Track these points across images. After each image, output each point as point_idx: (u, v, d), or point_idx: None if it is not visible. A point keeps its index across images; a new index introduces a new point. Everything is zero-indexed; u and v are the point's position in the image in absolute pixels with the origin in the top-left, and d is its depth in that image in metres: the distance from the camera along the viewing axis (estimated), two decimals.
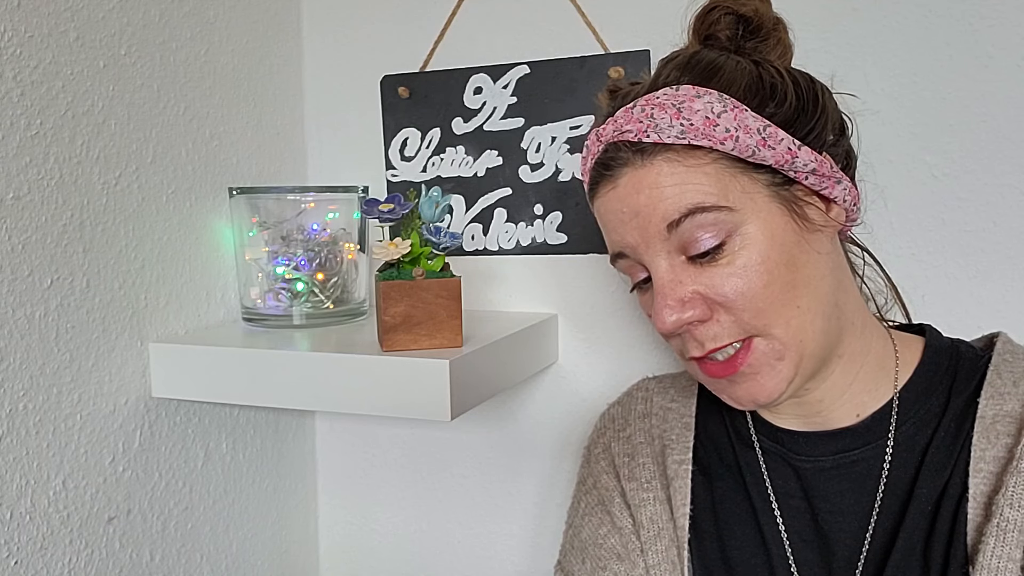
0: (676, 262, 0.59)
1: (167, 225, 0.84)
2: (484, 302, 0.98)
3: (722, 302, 0.58)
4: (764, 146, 0.57)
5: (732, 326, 0.58)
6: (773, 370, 0.58)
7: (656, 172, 0.58)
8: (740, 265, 0.57)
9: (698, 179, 0.57)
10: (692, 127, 0.56)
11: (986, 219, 0.78)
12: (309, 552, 1.09)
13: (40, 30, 0.71)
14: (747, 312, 0.57)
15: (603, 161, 0.61)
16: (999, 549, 0.54)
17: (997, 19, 0.76)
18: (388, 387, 0.72)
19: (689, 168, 0.57)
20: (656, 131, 0.57)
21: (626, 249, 0.61)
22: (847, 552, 0.62)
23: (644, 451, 0.71)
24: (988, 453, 0.57)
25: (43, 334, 0.72)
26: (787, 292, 0.58)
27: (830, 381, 0.63)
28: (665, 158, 0.58)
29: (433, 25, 0.97)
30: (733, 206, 0.57)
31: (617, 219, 0.61)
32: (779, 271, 0.57)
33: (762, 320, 0.57)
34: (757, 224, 0.57)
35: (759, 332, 0.58)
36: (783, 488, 0.65)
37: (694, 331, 0.59)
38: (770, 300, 0.57)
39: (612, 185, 0.60)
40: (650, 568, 0.66)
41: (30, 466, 0.71)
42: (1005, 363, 0.62)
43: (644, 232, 0.59)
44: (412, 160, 0.99)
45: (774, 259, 0.57)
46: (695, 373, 0.63)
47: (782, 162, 0.57)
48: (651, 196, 0.58)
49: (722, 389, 0.62)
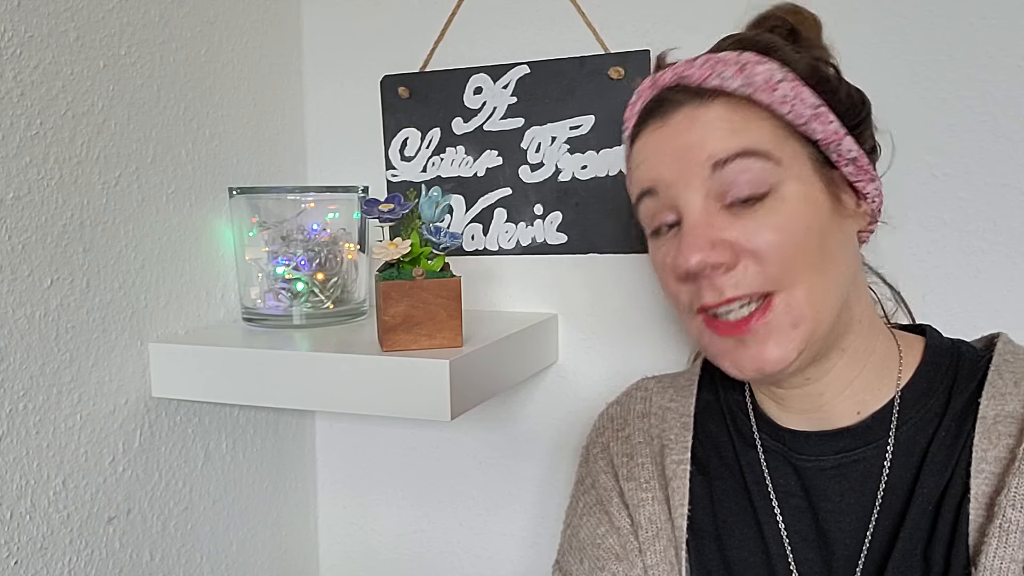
0: (711, 206, 0.58)
1: (167, 225, 0.84)
2: (484, 302, 0.98)
3: (753, 251, 0.57)
4: (816, 120, 0.58)
5: (757, 277, 0.57)
6: (785, 337, 0.57)
7: (713, 113, 0.58)
8: (777, 219, 0.57)
9: (752, 127, 0.58)
10: (753, 84, 0.58)
11: (986, 219, 0.78)
12: (309, 552, 1.09)
13: (40, 30, 0.71)
14: (776, 265, 0.57)
15: (657, 100, 0.61)
16: (1001, 550, 0.53)
17: (997, 19, 0.76)
18: (388, 387, 0.72)
19: (745, 117, 0.58)
20: (719, 78, 0.58)
21: (659, 185, 0.60)
22: (847, 552, 0.62)
23: (643, 451, 0.71)
24: (989, 454, 0.57)
25: (43, 334, 0.72)
26: (816, 258, 0.58)
27: (832, 374, 0.62)
28: (723, 103, 0.59)
29: (433, 25, 0.97)
30: (782, 159, 0.58)
31: (659, 153, 0.60)
32: (812, 236, 0.58)
33: (789, 276, 0.57)
34: (798, 187, 0.58)
35: (782, 288, 0.57)
36: (784, 487, 0.65)
37: (715, 277, 0.58)
38: (800, 259, 0.57)
39: (662, 123, 0.60)
40: (648, 568, 0.66)
41: (30, 466, 0.71)
42: (1006, 363, 0.62)
43: (686, 167, 0.58)
44: (412, 160, 0.99)
45: (809, 223, 0.58)
46: (699, 334, 0.61)
47: (829, 141, 0.59)
48: (703, 133, 0.58)
49: (726, 353, 0.60)
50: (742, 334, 0.58)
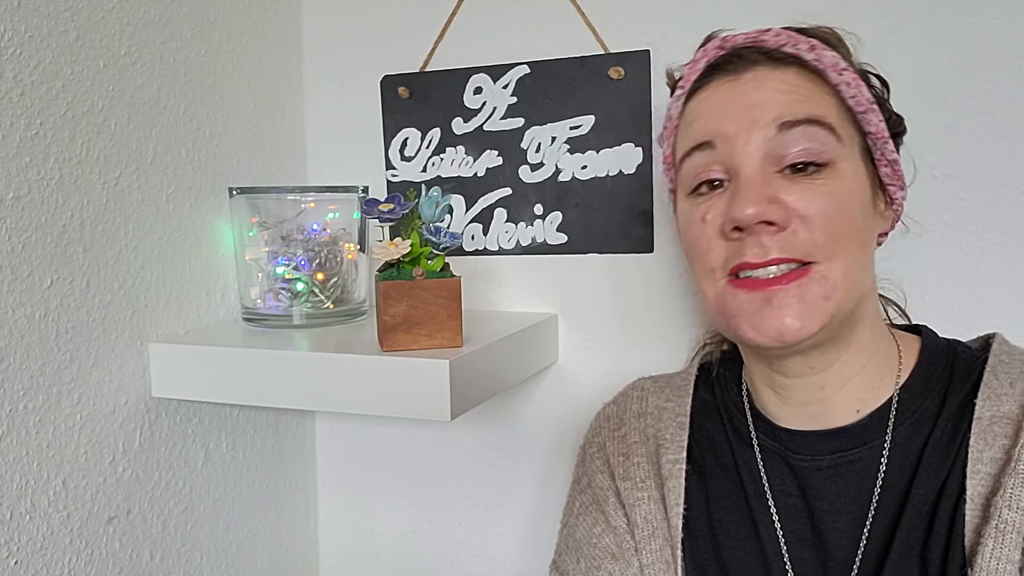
0: (768, 168, 0.58)
1: (167, 225, 0.84)
2: (484, 302, 0.98)
3: (805, 216, 0.57)
4: (871, 112, 0.61)
5: (804, 243, 0.57)
6: (813, 307, 0.56)
7: (786, 77, 0.60)
8: (832, 191, 0.57)
9: (820, 100, 0.59)
10: (824, 61, 0.60)
11: (986, 219, 0.78)
12: (309, 552, 1.09)
13: (40, 30, 0.71)
14: (825, 235, 0.57)
15: (727, 58, 0.62)
16: (998, 551, 0.53)
17: (997, 19, 0.76)
18: (388, 387, 0.72)
19: (814, 89, 0.60)
20: (794, 47, 0.60)
21: (718, 139, 0.60)
22: (843, 552, 0.62)
23: (639, 450, 0.71)
24: (985, 455, 0.57)
25: (43, 334, 0.72)
26: (857, 238, 0.59)
27: (835, 367, 0.62)
28: (796, 70, 0.60)
29: (433, 25, 0.97)
30: (842, 137, 0.59)
31: (722, 108, 0.60)
32: (857, 217, 0.59)
33: (834, 247, 0.57)
34: (851, 168, 0.59)
35: (825, 259, 0.57)
36: (780, 487, 0.65)
37: (764, 235, 0.57)
38: (845, 235, 0.58)
39: (734, 79, 0.61)
40: (644, 567, 0.66)
41: (30, 466, 0.71)
42: (1001, 364, 0.62)
43: (751, 123, 0.58)
44: (412, 160, 0.99)
45: (857, 204, 0.59)
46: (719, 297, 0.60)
47: (878, 136, 0.61)
48: (774, 94, 0.59)
49: (748, 314, 0.57)
50: (774, 289, 0.56)
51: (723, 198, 0.59)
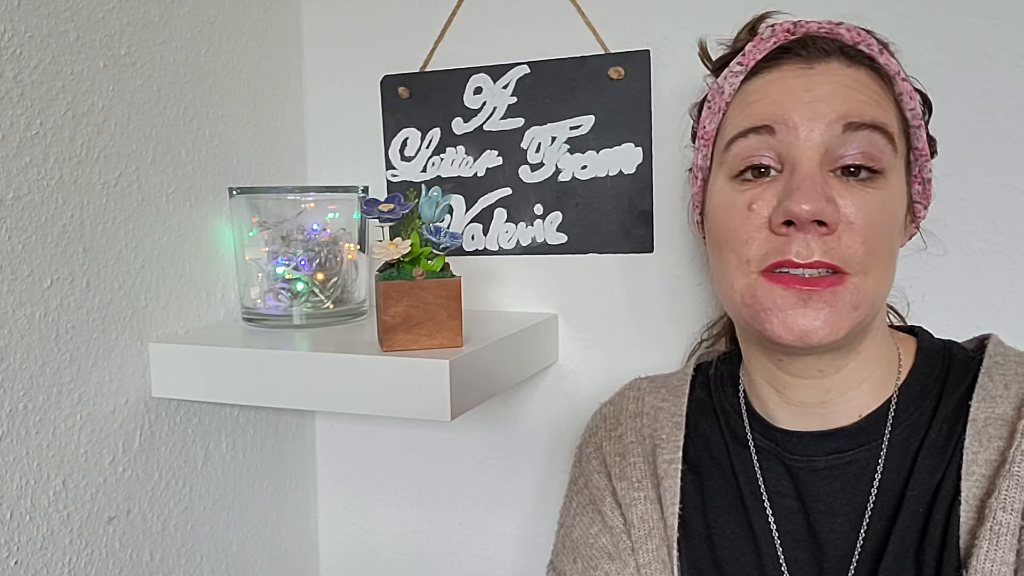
0: (823, 171, 0.57)
1: (167, 225, 0.84)
2: (484, 302, 0.98)
3: (853, 224, 0.56)
4: (920, 129, 0.60)
5: (845, 251, 0.56)
6: (843, 315, 0.56)
7: (860, 77, 0.58)
8: (879, 201, 0.57)
9: (885, 107, 0.59)
10: (891, 68, 0.59)
11: (986, 219, 0.78)
12: (309, 552, 1.09)
13: (40, 30, 0.71)
14: (867, 246, 0.56)
15: (801, 42, 0.60)
16: (992, 552, 0.53)
17: (997, 19, 0.76)
18: (388, 387, 0.72)
19: (882, 95, 0.59)
20: (868, 47, 0.59)
21: (780, 125, 0.57)
22: (839, 553, 0.62)
23: (635, 450, 0.71)
24: (980, 456, 0.57)
25: (43, 334, 0.72)
26: (890, 252, 0.59)
27: (843, 373, 0.62)
28: (869, 72, 0.59)
29: (433, 25, 0.97)
30: (896, 151, 0.59)
31: (789, 95, 0.58)
32: (894, 231, 0.59)
33: (870, 261, 0.57)
34: (897, 180, 0.59)
35: (860, 271, 0.56)
36: (776, 487, 0.65)
37: (811, 235, 0.56)
38: (884, 248, 0.58)
39: (805, 66, 0.59)
40: (641, 567, 0.66)
41: (30, 466, 0.71)
42: (996, 366, 0.61)
43: (817, 116, 0.57)
44: (412, 160, 0.99)
45: (897, 217, 0.59)
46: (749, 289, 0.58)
47: (921, 152, 0.61)
48: (845, 90, 0.57)
49: (778, 309, 0.57)
50: (809, 289, 0.56)
51: (772, 188, 0.58)
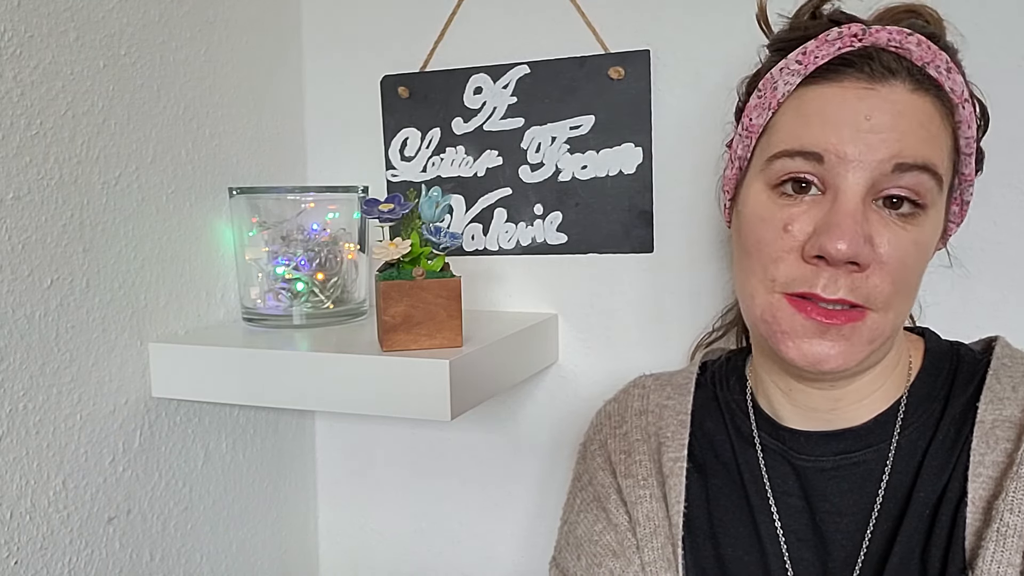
0: (867, 202, 0.55)
1: (167, 225, 0.84)
2: (484, 302, 0.98)
3: (886, 262, 0.55)
4: (970, 155, 0.58)
5: (872, 291, 0.55)
6: (857, 346, 0.56)
7: (923, 106, 0.55)
8: (916, 239, 0.56)
9: (941, 140, 0.56)
10: (955, 91, 0.56)
11: (986, 219, 0.78)
12: (309, 552, 1.09)
13: (40, 30, 0.71)
14: (894, 285, 0.55)
15: (865, 54, 0.55)
16: (999, 554, 0.53)
17: (997, 19, 0.76)
18: (388, 387, 0.72)
19: (941, 125, 0.56)
20: (936, 70, 0.55)
21: (829, 153, 0.55)
22: (844, 554, 0.62)
23: (640, 448, 0.71)
24: (987, 458, 0.57)
25: (43, 334, 0.72)
26: (915, 286, 0.58)
27: (856, 384, 0.62)
28: (934, 99, 0.56)
29: (433, 25, 0.97)
30: (943, 187, 0.57)
31: (847, 121, 0.55)
32: (922, 265, 0.58)
33: (894, 299, 0.56)
34: (937, 216, 0.58)
35: (881, 308, 0.56)
36: (781, 487, 0.65)
37: (843, 272, 0.55)
38: (910, 286, 0.57)
39: (868, 87, 0.55)
40: (646, 565, 0.66)
41: (30, 466, 0.71)
42: (1004, 367, 0.62)
43: (870, 150, 0.54)
44: (412, 160, 0.99)
45: (928, 253, 0.58)
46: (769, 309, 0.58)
47: (967, 180, 0.59)
48: (905, 123, 0.54)
49: (796, 335, 0.56)
50: (828, 323, 0.55)
51: (812, 211, 0.56)
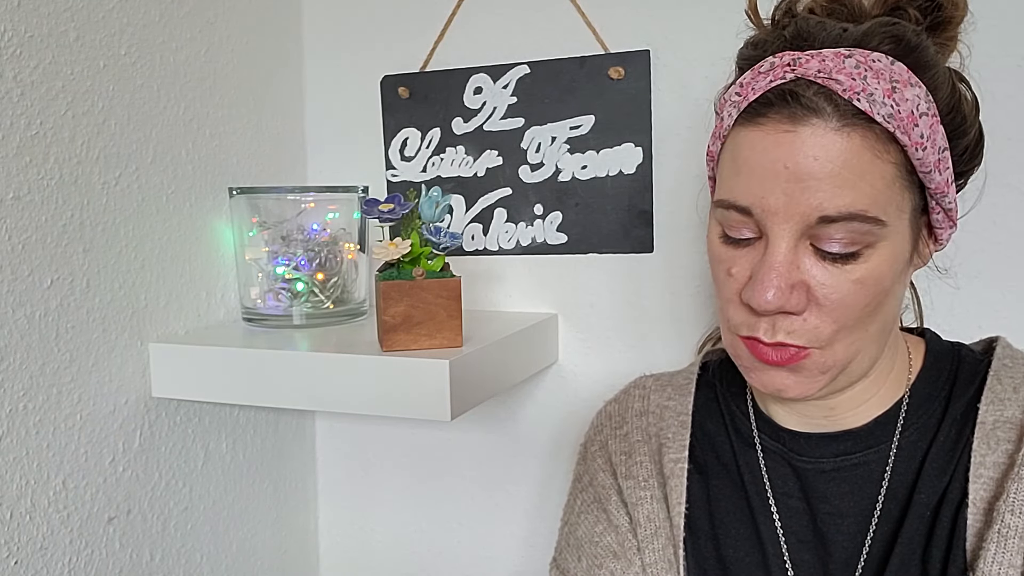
0: (801, 245, 0.55)
1: (167, 225, 0.84)
2: (484, 302, 0.98)
3: (823, 304, 0.55)
4: (937, 168, 0.55)
5: (811, 332, 0.55)
6: (810, 378, 0.57)
7: (847, 149, 0.52)
8: (860, 277, 0.54)
9: (875, 179, 0.53)
10: (899, 116, 0.52)
11: (986, 219, 0.78)
12: (309, 552, 1.09)
13: (40, 30, 0.71)
14: (835, 324, 0.55)
15: (791, 91, 0.53)
16: (1000, 555, 0.53)
17: (997, 19, 0.76)
18: (388, 387, 0.72)
19: (875, 159, 0.53)
20: (869, 100, 0.52)
21: (757, 209, 0.55)
22: (845, 555, 0.62)
23: (641, 449, 0.71)
24: (988, 459, 0.57)
25: (43, 334, 0.72)
26: (870, 316, 0.56)
27: (848, 394, 0.62)
28: (863, 135, 0.52)
29: (433, 25, 0.97)
30: (887, 222, 0.54)
31: (768, 171, 0.54)
32: (878, 295, 0.55)
33: (836, 336, 0.56)
34: (891, 246, 0.55)
35: (824, 345, 0.56)
36: (782, 488, 0.65)
37: (780, 317, 0.56)
38: (856, 319, 0.56)
39: (789, 126, 0.53)
40: (647, 566, 0.66)
41: (30, 466, 0.71)
42: (1005, 368, 0.61)
43: (793, 202, 0.53)
44: (412, 160, 0.99)
45: (883, 283, 0.55)
46: (736, 347, 0.60)
47: (938, 191, 0.56)
48: (825, 176, 0.52)
49: (755, 370, 0.59)
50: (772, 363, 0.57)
51: (750, 256, 0.57)
